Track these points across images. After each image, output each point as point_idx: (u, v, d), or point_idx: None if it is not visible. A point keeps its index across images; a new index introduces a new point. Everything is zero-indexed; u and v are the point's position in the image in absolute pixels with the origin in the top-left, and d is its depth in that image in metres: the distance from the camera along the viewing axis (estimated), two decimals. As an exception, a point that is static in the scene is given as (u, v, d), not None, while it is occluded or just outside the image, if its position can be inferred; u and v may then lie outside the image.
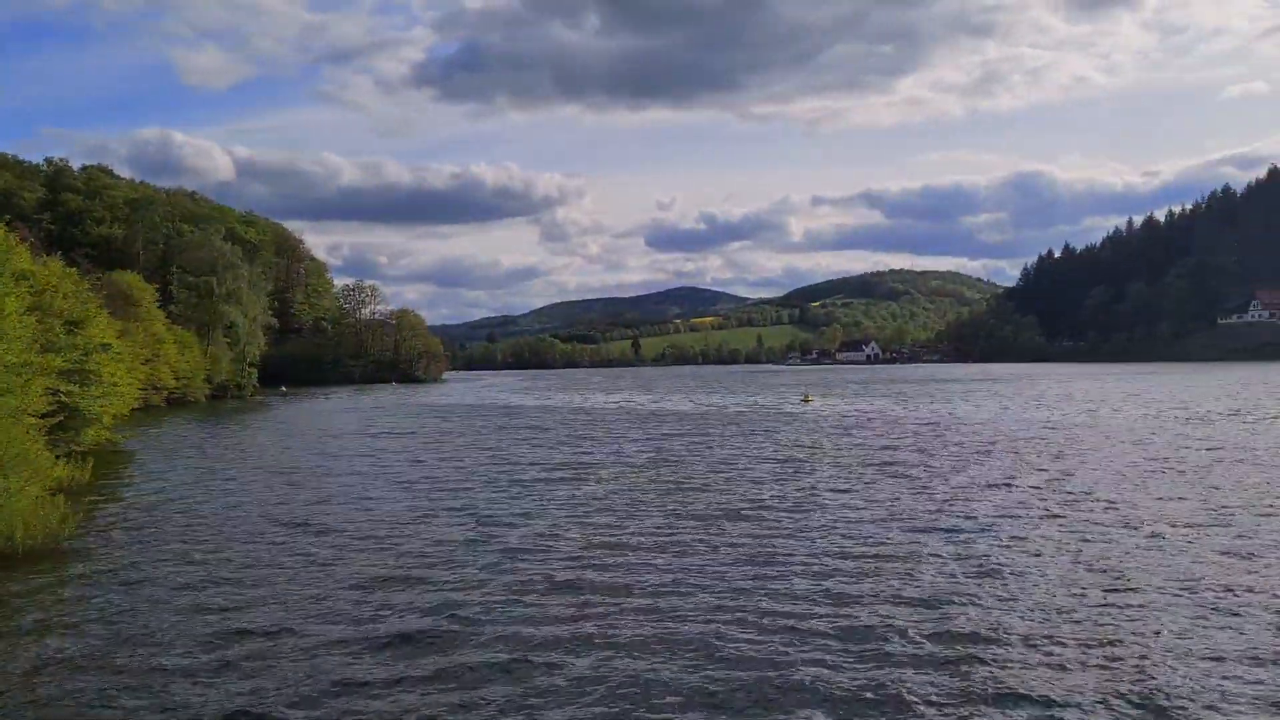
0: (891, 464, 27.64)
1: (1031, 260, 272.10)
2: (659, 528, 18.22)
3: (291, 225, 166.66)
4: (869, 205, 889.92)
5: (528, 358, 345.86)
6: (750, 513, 19.64)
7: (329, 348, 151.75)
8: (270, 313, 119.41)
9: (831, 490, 22.91)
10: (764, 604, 12.63)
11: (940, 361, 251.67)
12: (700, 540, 16.92)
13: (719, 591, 13.34)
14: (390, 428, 48.18)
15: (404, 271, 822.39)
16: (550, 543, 17.00)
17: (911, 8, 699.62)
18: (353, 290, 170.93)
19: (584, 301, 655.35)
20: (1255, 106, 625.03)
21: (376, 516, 20.17)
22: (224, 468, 30.40)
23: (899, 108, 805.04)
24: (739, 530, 17.77)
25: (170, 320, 78.30)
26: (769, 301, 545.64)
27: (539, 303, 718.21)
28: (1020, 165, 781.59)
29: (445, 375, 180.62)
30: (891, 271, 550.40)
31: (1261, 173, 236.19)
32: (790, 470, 26.86)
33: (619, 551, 16.18)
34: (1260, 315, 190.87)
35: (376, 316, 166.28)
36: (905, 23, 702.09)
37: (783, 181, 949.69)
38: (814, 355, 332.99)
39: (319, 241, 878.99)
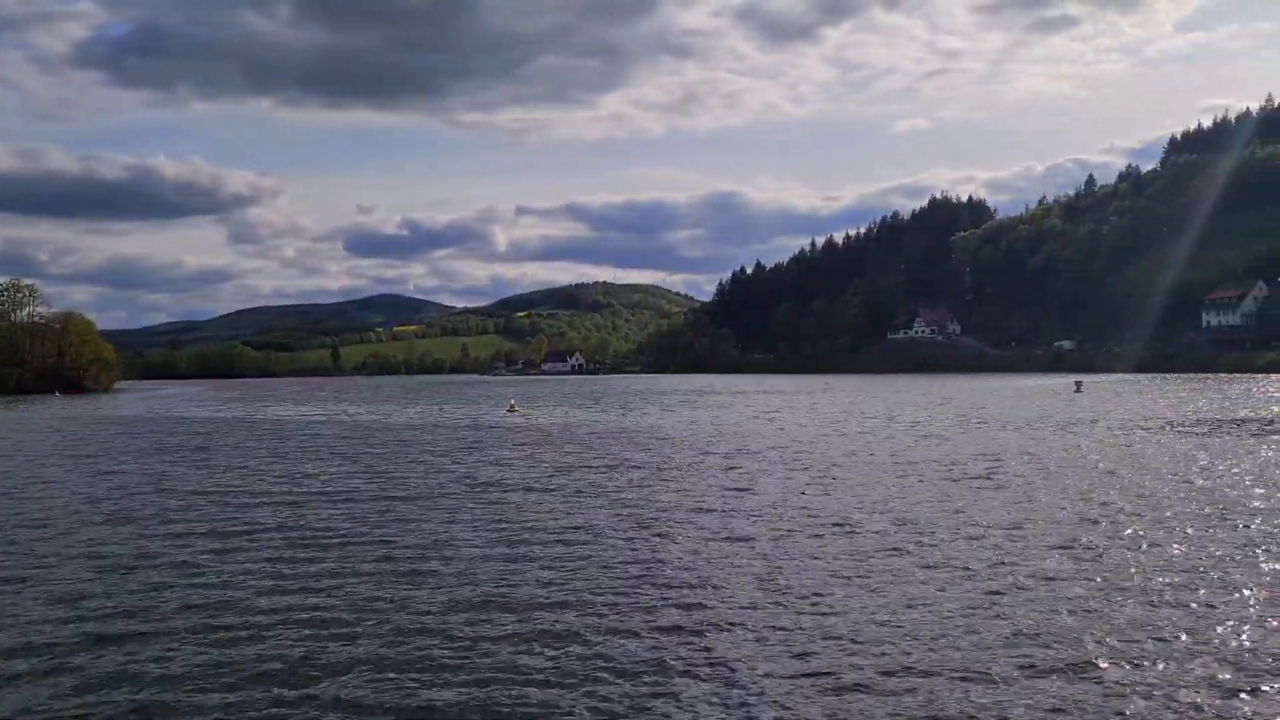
0: (588, 473, 26.97)
1: (727, 276, 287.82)
2: (331, 554, 16.20)
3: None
4: (573, 217, 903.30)
5: (216, 366, 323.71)
6: (439, 532, 18.01)
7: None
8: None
9: (524, 502, 21.75)
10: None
11: (641, 372, 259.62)
12: (371, 572, 15.08)
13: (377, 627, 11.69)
14: (20, 446, 42.29)
15: (70, 270, 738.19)
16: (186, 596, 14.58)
17: (615, 26, 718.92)
18: (6, 290, 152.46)
19: (280, 308, 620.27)
20: (920, 141, 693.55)
21: None
22: None
23: (603, 123, 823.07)
24: (416, 543, 16.13)
25: None
26: (475, 311, 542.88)
27: (228, 308, 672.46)
28: (717, 185, 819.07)
29: (119, 385, 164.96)
30: (596, 284, 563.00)
31: (923, 202, 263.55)
32: (490, 483, 25.49)
33: (261, 593, 14.06)
34: (923, 331, 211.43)
35: (36, 320, 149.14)
36: (610, 40, 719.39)
37: (488, 190, 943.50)
38: (520, 365, 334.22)
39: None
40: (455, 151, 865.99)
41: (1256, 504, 20.33)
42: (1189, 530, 17.46)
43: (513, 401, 74.63)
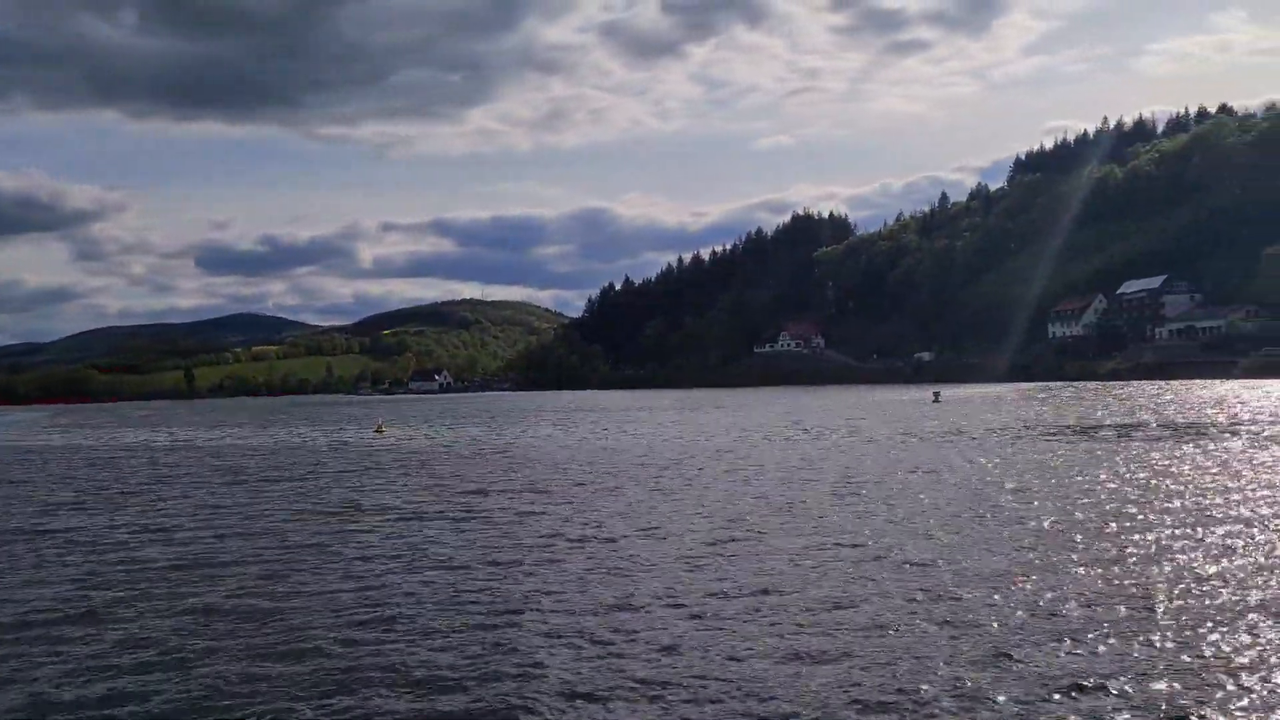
0: (460, 497, 26.15)
1: (596, 292, 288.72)
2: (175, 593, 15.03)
3: None
4: (440, 233, 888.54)
5: (60, 391, 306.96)
6: (289, 568, 16.96)
7: None
8: None
9: (389, 528, 20.81)
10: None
11: (511, 390, 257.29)
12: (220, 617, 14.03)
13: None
14: None
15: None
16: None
17: (479, 40, 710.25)
18: None
19: (129, 328, 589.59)
20: (783, 157, 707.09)
21: None
22: None
23: (469, 138, 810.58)
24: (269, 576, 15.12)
25: None
26: (339, 329, 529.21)
27: (74, 328, 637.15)
28: (585, 200, 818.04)
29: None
30: (463, 300, 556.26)
31: (787, 218, 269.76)
32: (355, 510, 24.37)
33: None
34: (788, 345, 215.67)
35: None
36: (473, 54, 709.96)
37: (351, 206, 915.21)
38: (386, 385, 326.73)
39: None
40: (315, 166, 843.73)
41: (1082, 500, 20.95)
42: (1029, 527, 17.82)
43: (380, 422, 72.75)
